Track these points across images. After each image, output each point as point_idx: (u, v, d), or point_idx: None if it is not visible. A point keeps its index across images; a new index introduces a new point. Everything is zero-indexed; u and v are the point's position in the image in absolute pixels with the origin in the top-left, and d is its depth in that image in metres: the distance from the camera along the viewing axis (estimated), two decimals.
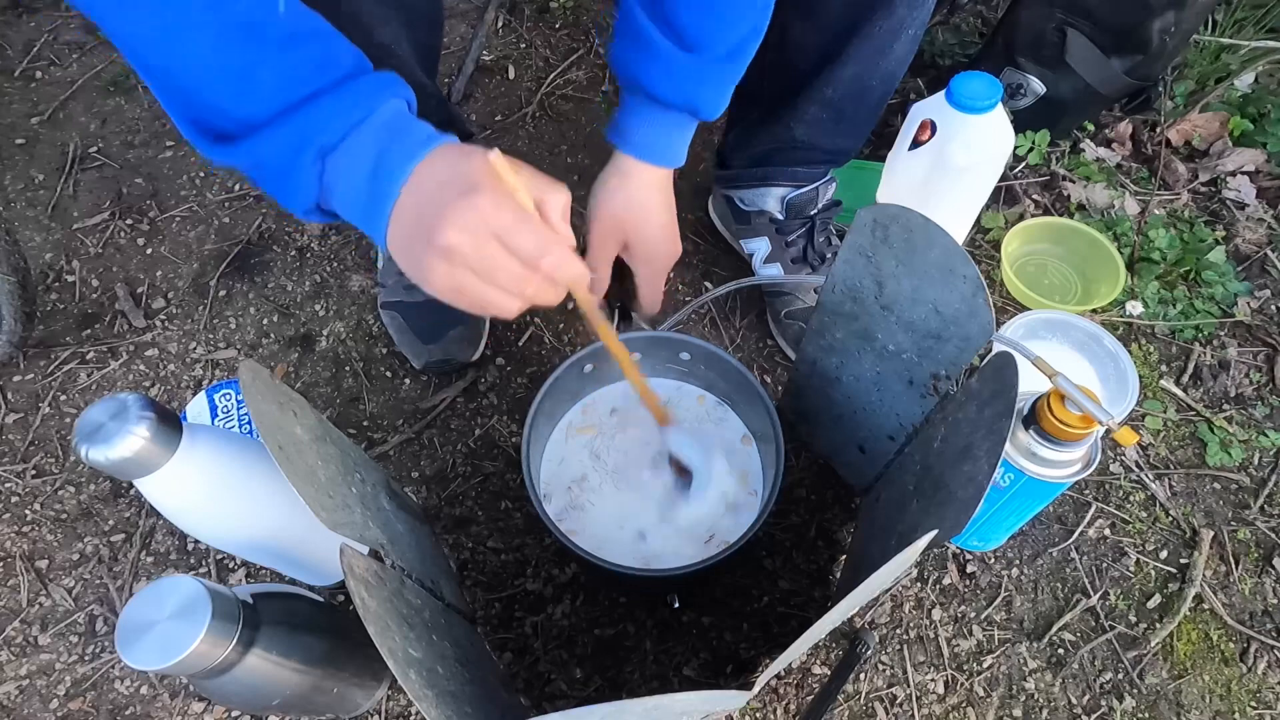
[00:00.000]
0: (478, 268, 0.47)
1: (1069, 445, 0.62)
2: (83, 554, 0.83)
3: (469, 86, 1.23)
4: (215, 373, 0.95)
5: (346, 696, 0.68)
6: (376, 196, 0.49)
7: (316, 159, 0.49)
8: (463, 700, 0.53)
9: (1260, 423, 0.92)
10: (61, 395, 0.94)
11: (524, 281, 0.48)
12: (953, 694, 0.76)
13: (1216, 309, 0.99)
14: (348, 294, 1.01)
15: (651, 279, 0.77)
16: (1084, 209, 1.08)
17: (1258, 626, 0.80)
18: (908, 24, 0.74)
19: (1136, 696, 0.77)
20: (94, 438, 0.49)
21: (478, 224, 0.46)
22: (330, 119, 0.49)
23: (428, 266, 0.48)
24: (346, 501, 0.57)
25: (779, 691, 0.76)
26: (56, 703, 0.76)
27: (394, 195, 0.48)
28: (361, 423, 0.92)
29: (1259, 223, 1.07)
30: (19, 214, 1.09)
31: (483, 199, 0.46)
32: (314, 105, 0.48)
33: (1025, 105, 1.09)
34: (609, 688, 0.76)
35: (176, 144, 1.15)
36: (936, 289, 0.59)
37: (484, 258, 0.47)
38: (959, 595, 0.81)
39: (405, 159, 0.48)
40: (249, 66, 0.47)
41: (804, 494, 0.86)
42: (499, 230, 0.46)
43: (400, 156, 0.48)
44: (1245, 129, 1.13)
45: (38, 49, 1.26)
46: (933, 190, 0.82)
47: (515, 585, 0.81)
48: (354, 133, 0.49)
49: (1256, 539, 0.85)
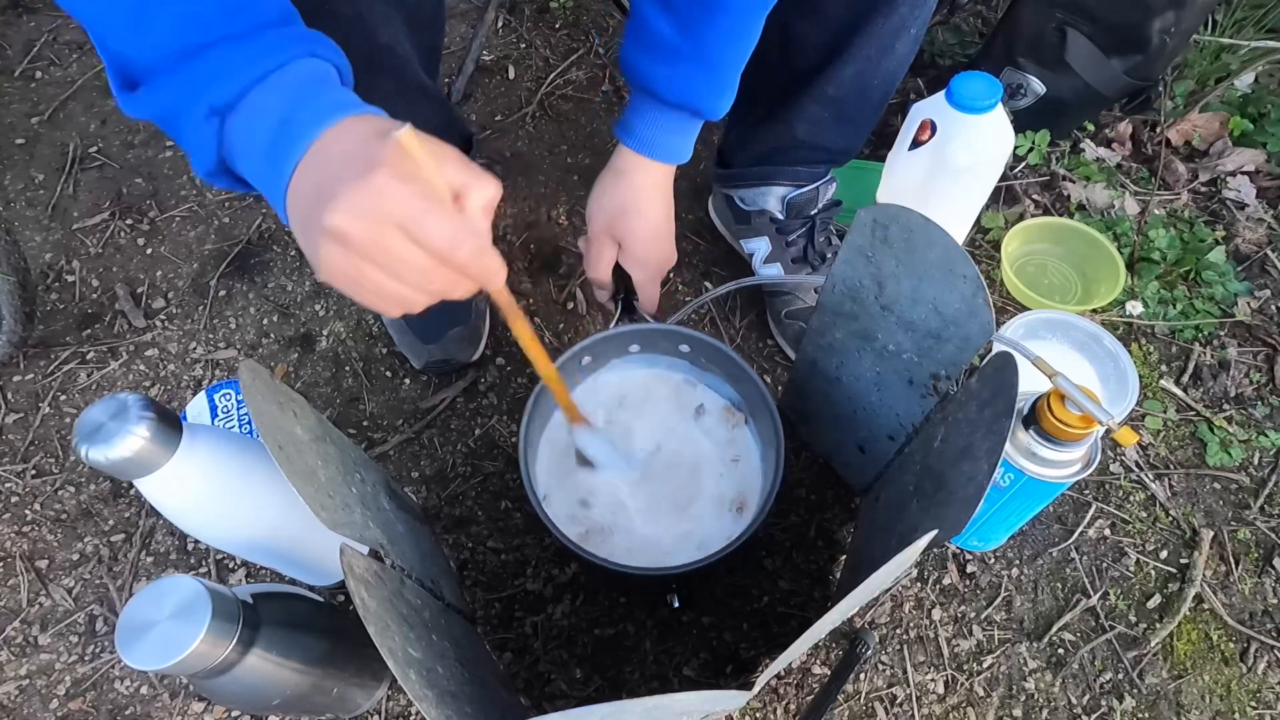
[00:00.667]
0: (377, 259, 0.41)
1: (1069, 445, 0.62)
2: (83, 554, 0.83)
3: (469, 86, 1.23)
4: (215, 373, 0.95)
5: (346, 696, 0.68)
6: (276, 161, 0.43)
7: (211, 114, 0.44)
8: (463, 700, 0.53)
9: (1260, 423, 0.92)
10: (61, 395, 0.94)
11: (430, 276, 0.42)
12: (953, 694, 0.76)
13: (1216, 309, 0.99)
14: None
15: (646, 284, 0.77)
16: (1084, 209, 1.08)
17: (1258, 626, 0.80)
18: (910, 23, 0.74)
19: (1136, 696, 0.77)
20: (94, 438, 0.49)
21: (375, 209, 0.39)
22: (229, 70, 0.43)
23: (320, 251, 0.41)
24: (346, 501, 0.57)
25: (779, 691, 0.76)
26: (56, 703, 0.76)
27: (293, 162, 0.42)
28: (361, 423, 0.92)
29: (1259, 223, 1.07)
30: (19, 214, 1.09)
31: (384, 181, 0.39)
32: (213, 53, 0.43)
33: (1025, 105, 1.09)
34: (609, 688, 0.76)
35: (176, 144, 1.15)
36: (936, 289, 0.59)
37: (383, 249, 0.40)
38: (959, 595, 0.81)
39: (312, 123, 0.42)
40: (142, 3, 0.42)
41: (804, 494, 0.86)
42: (403, 219, 0.40)
43: (307, 120, 0.42)
44: (1245, 129, 1.13)
45: (38, 49, 1.26)
46: (933, 190, 0.82)
47: (515, 585, 0.81)
48: (257, 88, 0.43)
49: (1256, 539, 0.85)
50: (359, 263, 0.41)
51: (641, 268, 0.76)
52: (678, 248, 0.79)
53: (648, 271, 0.76)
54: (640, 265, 0.76)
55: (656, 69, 0.68)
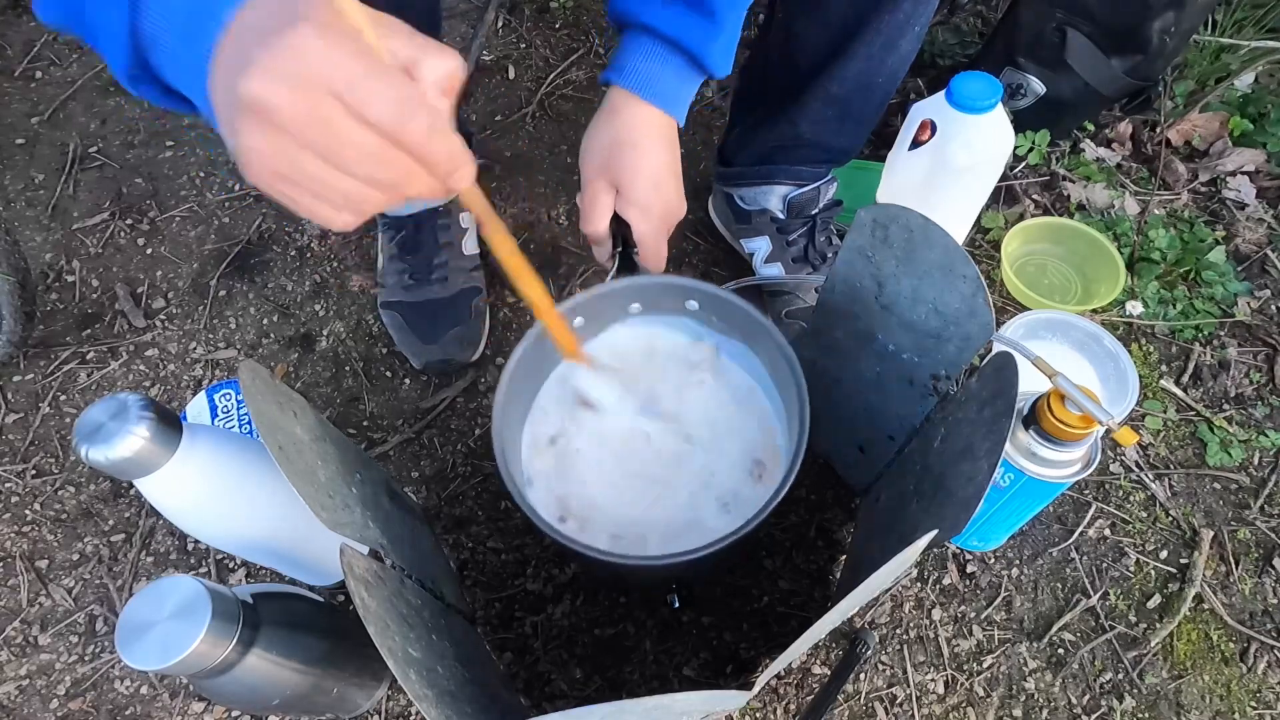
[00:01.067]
0: (311, 140, 0.32)
1: (1069, 445, 0.62)
2: (83, 554, 0.83)
3: (469, 86, 1.23)
4: (215, 373, 0.95)
5: (346, 696, 0.68)
6: (192, 40, 0.35)
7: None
8: (463, 700, 0.53)
9: (1260, 423, 0.92)
10: (61, 395, 0.94)
11: (379, 162, 0.33)
12: (953, 694, 0.76)
13: (1216, 309, 0.99)
14: (348, 294, 1.01)
15: (649, 236, 0.67)
16: (1084, 209, 1.08)
17: (1258, 626, 0.80)
18: (914, 19, 0.74)
19: (1136, 696, 0.77)
20: (94, 438, 0.49)
21: (300, 72, 0.31)
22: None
23: (240, 137, 0.33)
24: (346, 501, 0.57)
25: (779, 691, 0.76)
26: (56, 703, 0.76)
27: (213, 38, 0.34)
28: (361, 423, 0.92)
29: (1259, 223, 1.07)
30: (19, 214, 1.09)
31: (310, 38, 0.31)
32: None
33: (1025, 105, 1.09)
34: (609, 688, 0.76)
35: (176, 144, 1.15)
36: (936, 289, 0.59)
37: (318, 124, 0.32)
38: (959, 595, 0.81)
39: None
40: None
41: (804, 494, 0.86)
42: (337, 83, 0.31)
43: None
44: (1245, 129, 1.13)
45: (38, 49, 1.26)
46: (933, 190, 0.82)
47: (515, 585, 0.81)
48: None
49: (1256, 539, 0.85)
50: (290, 149, 0.32)
51: (643, 215, 0.66)
52: (677, 246, 0.78)
53: (650, 220, 0.66)
54: (642, 212, 0.65)
55: (651, 4, 0.62)
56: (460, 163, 0.36)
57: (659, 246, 0.67)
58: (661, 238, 0.67)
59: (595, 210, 0.66)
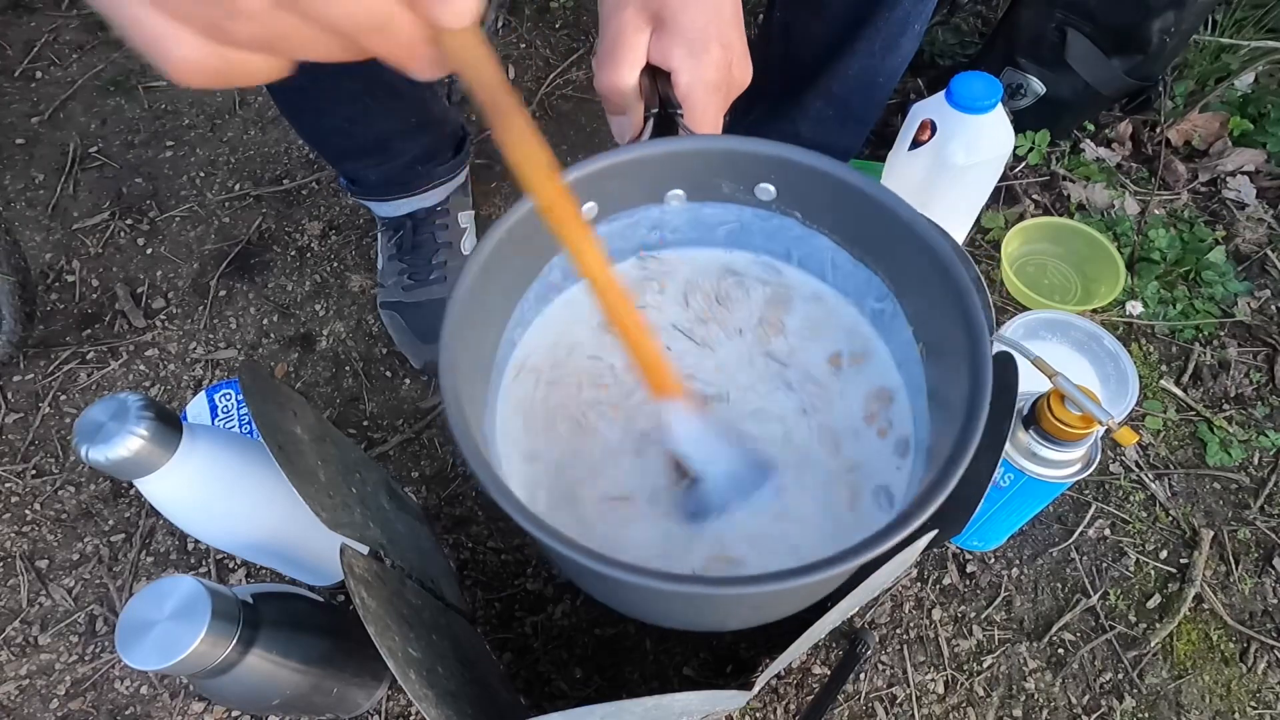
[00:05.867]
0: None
1: (1069, 445, 0.62)
2: (83, 554, 0.83)
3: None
4: (215, 373, 0.95)
5: (346, 696, 0.68)
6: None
7: None
8: (463, 700, 0.53)
9: (1260, 423, 0.92)
10: (61, 395, 0.93)
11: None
12: (953, 694, 0.76)
13: (1216, 309, 0.99)
14: (348, 294, 1.01)
15: (701, 94, 0.46)
16: (1084, 209, 1.08)
17: (1258, 626, 0.80)
18: (913, 18, 0.74)
19: (1136, 696, 0.77)
20: (94, 438, 0.49)
21: None
22: None
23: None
24: (346, 501, 0.57)
25: (779, 691, 0.76)
26: (56, 703, 0.76)
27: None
28: (361, 423, 0.92)
29: (1259, 223, 1.07)
30: (19, 214, 1.09)
31: None
32: None
33: (1025, 105, 1.09)
34: (609, 688, 0.76)
35: (176, 144, 1.15)
36: None
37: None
38: (959, 595, 0.81)
39: None
40: None
41: None
42: None
43: None
44: (1245, 129, 1.13)
45: (38, 49, 1.26)
46: (933, 190, 0.82)
47: (515, 585, 0.81)
48: None
49: (1256, 539, 0.85)
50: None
51: (696, 61, 0.44)
52: None
53: (703, 69, 0.45)
54: (696, 56, 0.44)
55: None
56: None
57: (712, 114, 0.46)
58: (713, 104, 0.46)
59: (621, 51, 0.45)
